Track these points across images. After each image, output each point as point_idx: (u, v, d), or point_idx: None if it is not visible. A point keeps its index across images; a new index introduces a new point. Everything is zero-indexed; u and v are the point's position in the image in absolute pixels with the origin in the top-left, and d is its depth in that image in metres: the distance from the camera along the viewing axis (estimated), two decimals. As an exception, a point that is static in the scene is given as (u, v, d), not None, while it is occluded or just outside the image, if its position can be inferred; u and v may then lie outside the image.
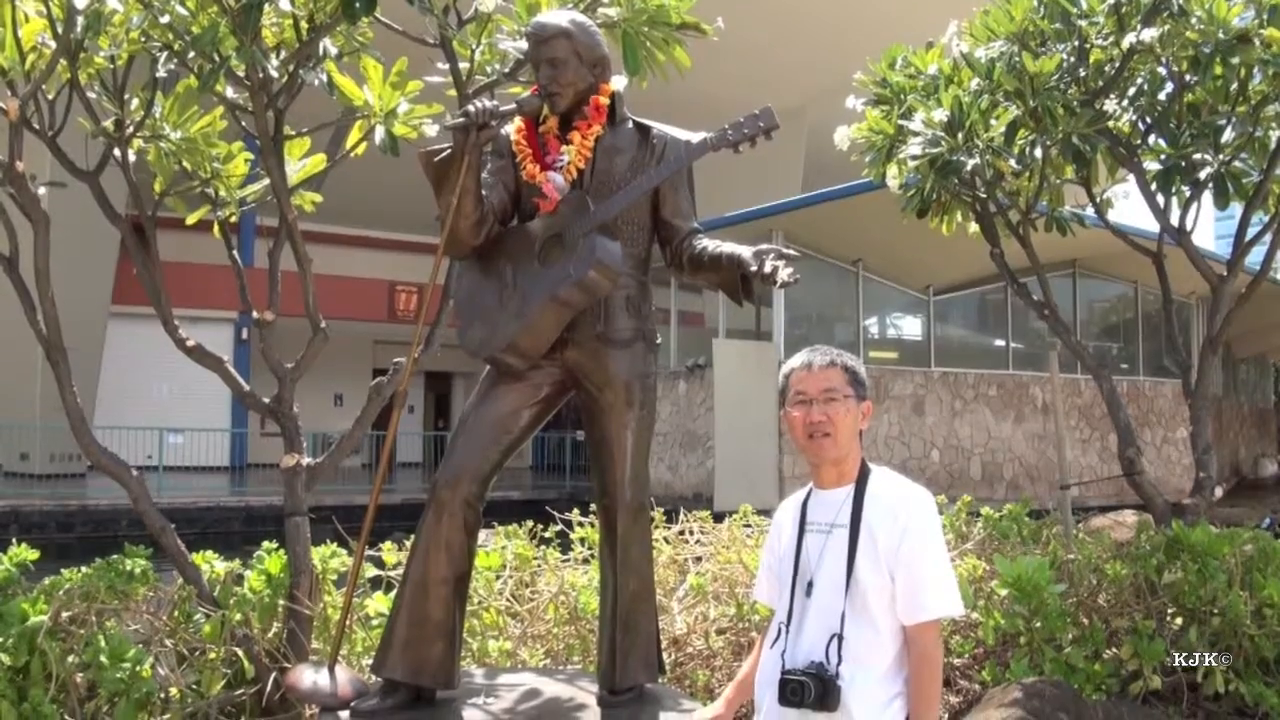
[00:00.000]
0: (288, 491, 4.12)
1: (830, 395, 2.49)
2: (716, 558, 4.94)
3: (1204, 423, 5.58)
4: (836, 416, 2.48)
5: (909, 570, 2.36)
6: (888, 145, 5.89)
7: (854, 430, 2.52)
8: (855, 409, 2.51)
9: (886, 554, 2.37)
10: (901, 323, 22.74)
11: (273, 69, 3.71)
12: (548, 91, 3.17)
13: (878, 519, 2.41)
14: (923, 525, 2.41)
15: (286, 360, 4.25)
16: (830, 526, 2.48)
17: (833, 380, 2.51)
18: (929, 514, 2.44)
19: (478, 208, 3.14)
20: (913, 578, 2.36)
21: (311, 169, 4.41)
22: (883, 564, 2.37)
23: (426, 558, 3.12)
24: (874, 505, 2.44)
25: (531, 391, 3.25)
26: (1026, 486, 20.21)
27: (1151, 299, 23.48)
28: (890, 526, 2.39)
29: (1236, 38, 4.77)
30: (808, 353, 2.59)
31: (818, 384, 2.51)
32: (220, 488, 21.41)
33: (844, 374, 2.53)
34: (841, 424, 2.48)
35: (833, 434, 2.48)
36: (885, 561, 2.37)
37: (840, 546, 2.44)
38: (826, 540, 2.48)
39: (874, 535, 2.40)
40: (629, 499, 3.23)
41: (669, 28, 4.30)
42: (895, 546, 2.37)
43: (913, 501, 2.44)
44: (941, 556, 2.42)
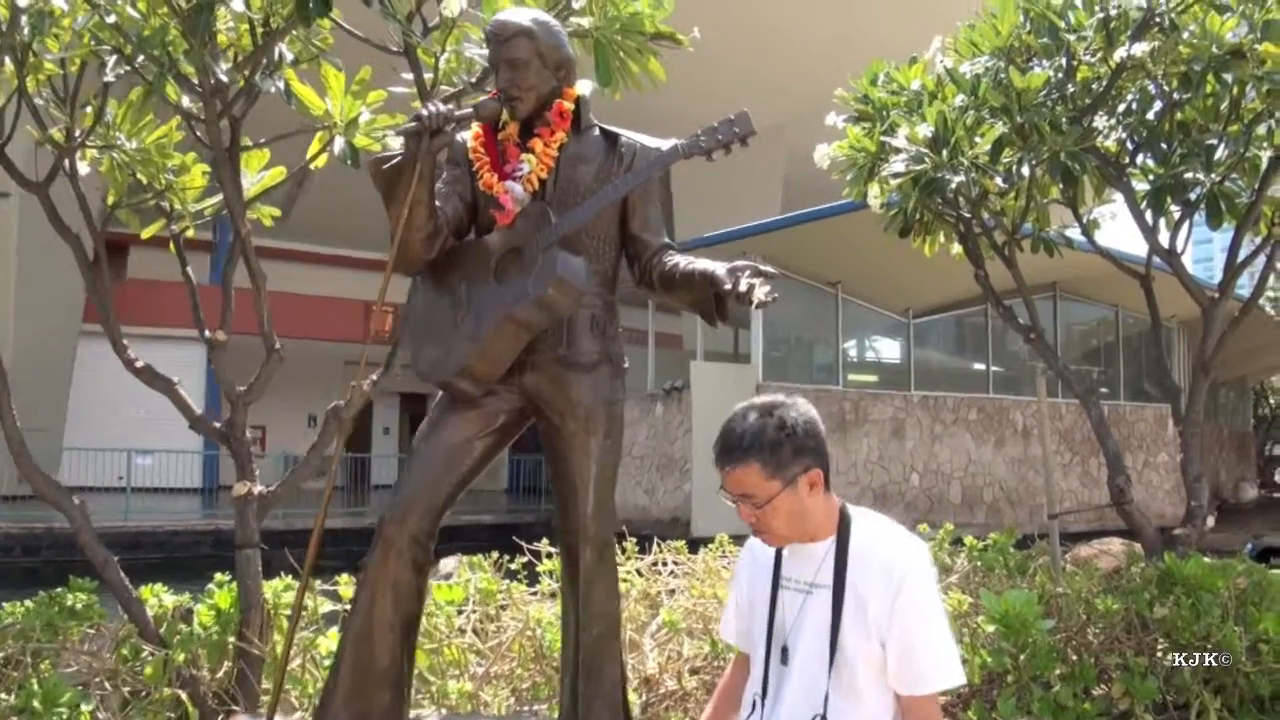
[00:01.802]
0: (238, 522, 3.89)
1: (751, 502, 2.18)
2: (691, 591, 4.73)
3: (1195, 449, 5.41)
4: (764, 518, 2.18)
5: (904, 638, 2.10)
6: (869, 163, 5.72)
7: (795, 513, 2.19)
8: (786, 498, 2.16)
9: (877, 620, 2.11)
10: (881, 345, 22.65)
11: (222, 73, 3.48)
12: (508, 95, 2.94)
13: (866, 580, 2.15)
14: (918, 586, 2.14)
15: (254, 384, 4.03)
16: (810, 586, 2.22)
17: (745, 483, 2.17)
18: (924, 572, 2.18)
19: (430, 220, 2.90)
20: (909, 646, 2.10)
21: (269, 182, 4.20)
22: (873, 631, 2.12)
23: (372, 600, 2.88)
24: (861, 564, 2.17)
25: (486, 420, 3.01)
26: (1007, 511, 20.10)
27: (1132, 323, 23.51)
28: (881, 589, 2.12)
29: (1230, 53, 4.62)
30: (720, 437, 2.23)
31: (734, 490, 2.19)
32: (190, 511, 21.02)
33: (759, 470, 2.16)
34: (774, 520, 2.18)
35: (769, 531, 2.21)
36: (876, 629, 2.11)
37: (822, 610, 2.17)
38: (805, 601, 2.22)
39: (862, 599, 2.13)
40: (592, 534, 2.98)
41: (643, 37, 4.14)
42: (888, 612, 2.11)
43: (906, 559, 2.17)
44: (940, 621, 2.16)
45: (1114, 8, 5.06)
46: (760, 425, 2.17)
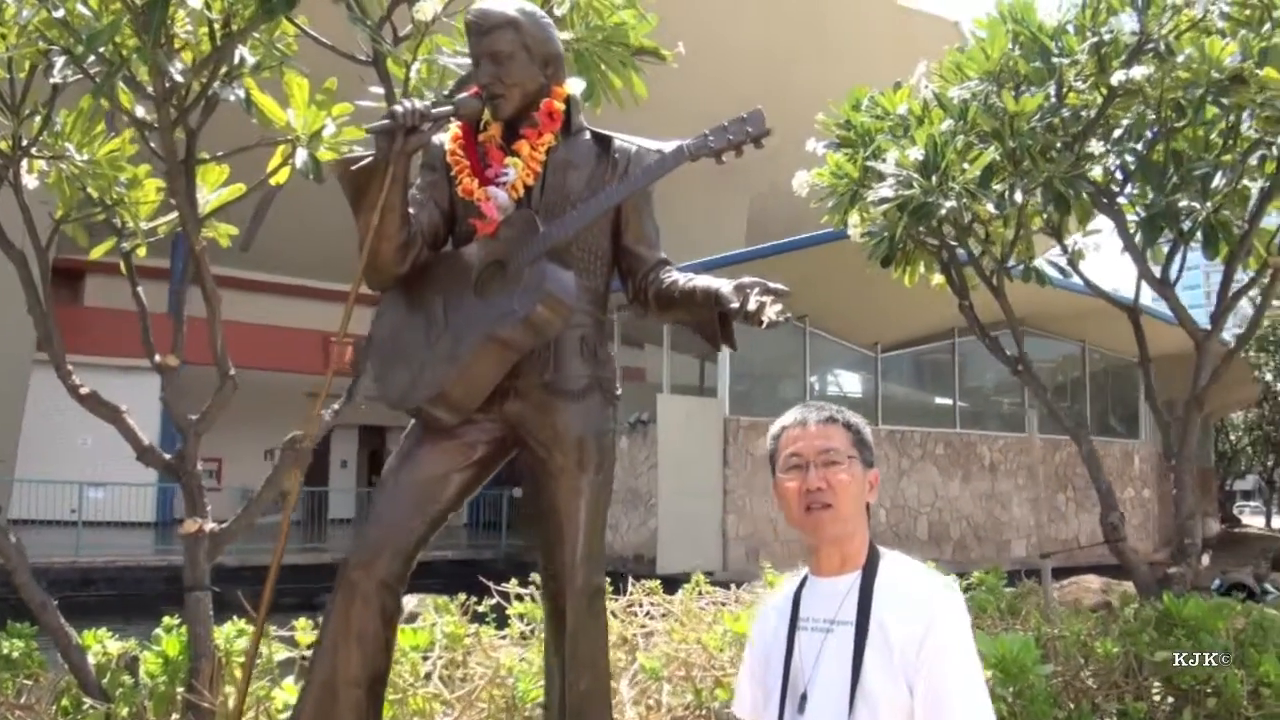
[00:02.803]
0: (188, 561, 3.58)
1: (830, 458, 2.04)
2: (671, 635, 4.47)
3: (1188, 485, 5.24)
4: (838, 483, 2.02)
5: (935, 682, 1.89)
6: (852, 190, 5.55)
7: (860, 501, 2.06)
8: (861, 475, 2.06)
9: (905, 661, 1.90)
10: (847, 379, 22.53)
11: (177, 73, 3.21)
12: (490, 93, 2.68)
13: (893, 616, 1.94)
14: (951, 626, 1.93)
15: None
16: (830, 624, 2.01)
17: (833, 439, 2.06)
18: (958, 611, 1.96)
19: (403, 228, 2.63)
20: (939, 692, 1.88)
21: (228, 197, 3.95)
22: (899, 673, 1.90)
23: (335, 653, 2.58)
24: (888, 598, 1.97)
25: (464, 452, 2.72)
26: (974, 547, 19.98)
27: (1098, 358, 23.57)
28: (910, 626, 1.92)
29: (1230, 78, 4.48)
30: (801, 409, 2.14)
31: (814, 444, 2.05)
32: (143, 546, 20.44)
33: (846, 432, 2.09)
34: (845, 493, 2.02)
35: (834, 505, 2.02)
36: (903, 670, 1.90)
37: (843, 649, 1.96)
38: (825, 640, 2.00)
39: (888, 636, 1.92)
40: (580, 583, 2.70)
41: (626, 49, 3.95)
42: (916, 652, 1.90)
43: (938, 596, 1.97)
44: (974, 665, 1.94)
45: (1106, 33, 4.95)
46: (840, 410, 2.15)
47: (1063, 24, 5.11)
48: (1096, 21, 4.98)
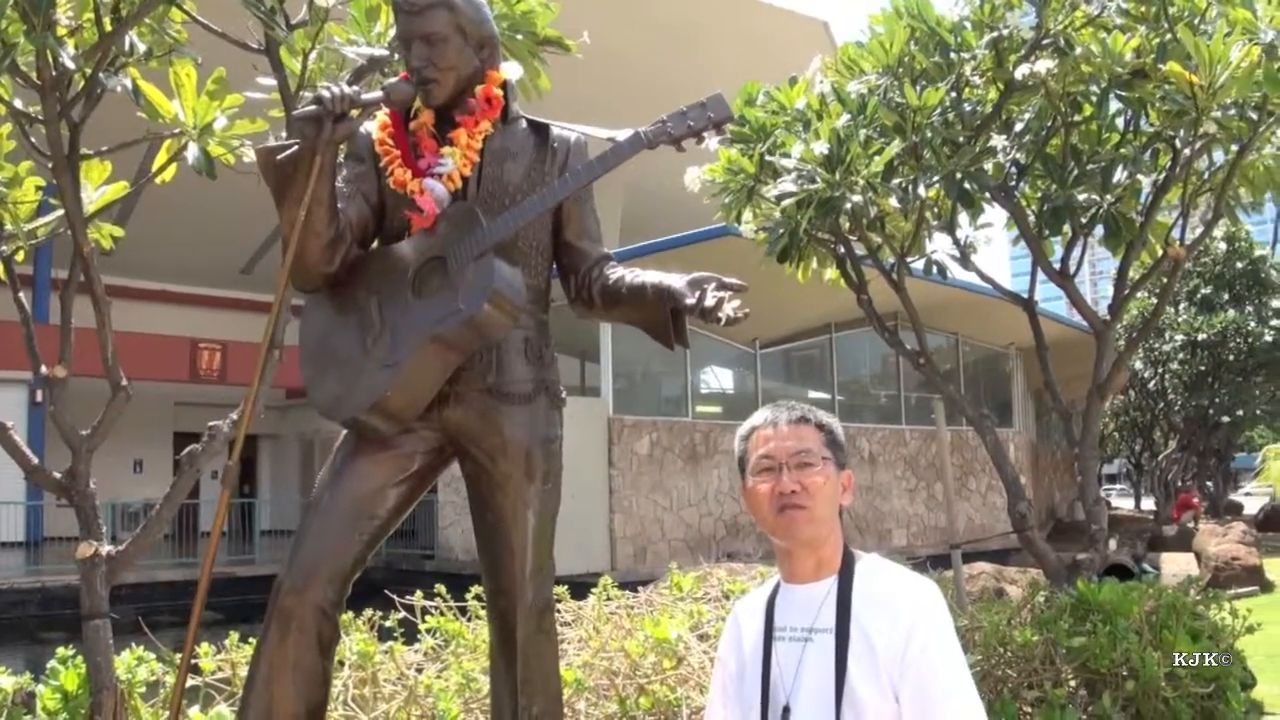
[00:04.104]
0: (85, 588, 3.31)
1: (803, 459, 1.99)
2: (590, 643, 4.35)
3: (1092, 472, 5.32)
4: (812, 485, 1.96)
5: (922, 684, 1.82)
6: (748, 185, 5.48)
7: (834, 504, 2.00)
8: (835, 477, 2.01)
9: (889, 665, 1.84)
10: (728, 376, 22.66)
11: (68, 60, 2.95)
12: (422, 78, 2.50)
13: (874, 620, 1.88)
14: (934, 626, 1.88)
15: (81, 428, 3.48)
16: (809, 632, 1.94)
17: (805, 440, 2.01)
18: (939, 611, 1.91)
19: (332, 223, 2.43)
20: (927, 693, 1.82)
21: (111, 196, 3.69)
22: (884, 678, 1.84)
23: (270, 686, 2.38)
24: (866, 603, 1.91)
25: (401, 463, 2.54)
26: (856, 538, 20.15)
27: (969, 350, 24.14)
28: (891, 630, 1.86)
29: (1132, 72, 4.55)
30: (771, 408, 2.08)
31: (786, 445, 2.00)
32: (13, 567, 19.27)
33: (819, 433, 2.04)
34: (819, 495, 1.96)
35: (809, 506, 1.95)
36: (888, 675, 1.84)
37: (824, 657, 1.89)
38: (805, 650, 1.93)
39: (870, 641, 1.86)
40: (531, 599, 2.56)
41: (534, 38, 3.82)
42: (899, 655, 1.84)
43: (917, 596, 1.91)
44: (960, 664, 1.88)
45: (1004, 28, 4.98)
46: (811, 410, 2.11)
47: (961, 20, 5.12)
48: (994, 17, 5.01)
